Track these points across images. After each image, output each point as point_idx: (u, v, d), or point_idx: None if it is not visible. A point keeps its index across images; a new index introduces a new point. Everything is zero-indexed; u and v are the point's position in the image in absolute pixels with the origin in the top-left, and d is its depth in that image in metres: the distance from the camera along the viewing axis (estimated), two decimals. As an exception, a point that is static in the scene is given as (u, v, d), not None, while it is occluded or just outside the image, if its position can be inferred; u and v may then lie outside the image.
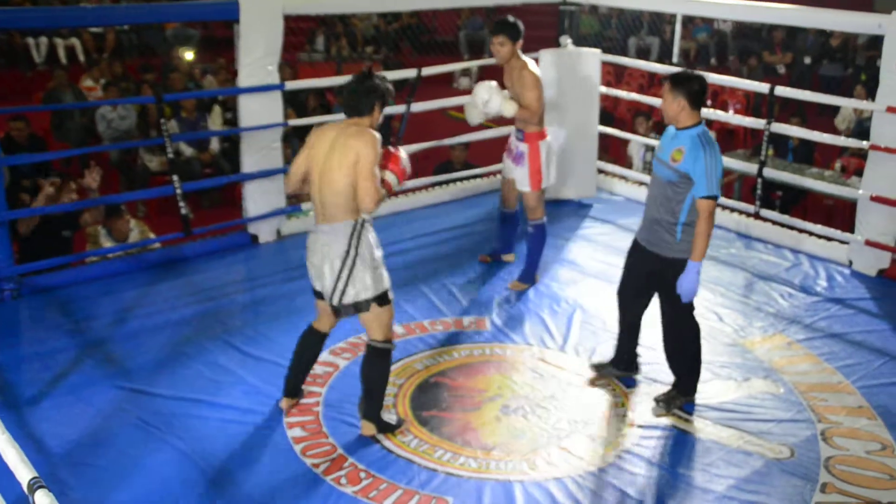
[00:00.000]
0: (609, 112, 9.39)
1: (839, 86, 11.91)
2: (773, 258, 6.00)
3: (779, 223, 6.28)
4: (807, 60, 12.62)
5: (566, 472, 3.68)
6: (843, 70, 12.53)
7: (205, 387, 4.28)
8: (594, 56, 6.87)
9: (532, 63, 5.15)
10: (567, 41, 6.94)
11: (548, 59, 6.65)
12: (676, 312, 4.07)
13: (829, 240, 6.00)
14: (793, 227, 6.19)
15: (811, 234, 6.09)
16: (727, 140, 10.29)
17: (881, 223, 5.63)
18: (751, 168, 6.40)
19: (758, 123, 6.25)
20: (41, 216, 5.56)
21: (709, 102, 3.99)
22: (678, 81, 3.86)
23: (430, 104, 6.71)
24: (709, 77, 4.03)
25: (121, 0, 13.99)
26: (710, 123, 4.66)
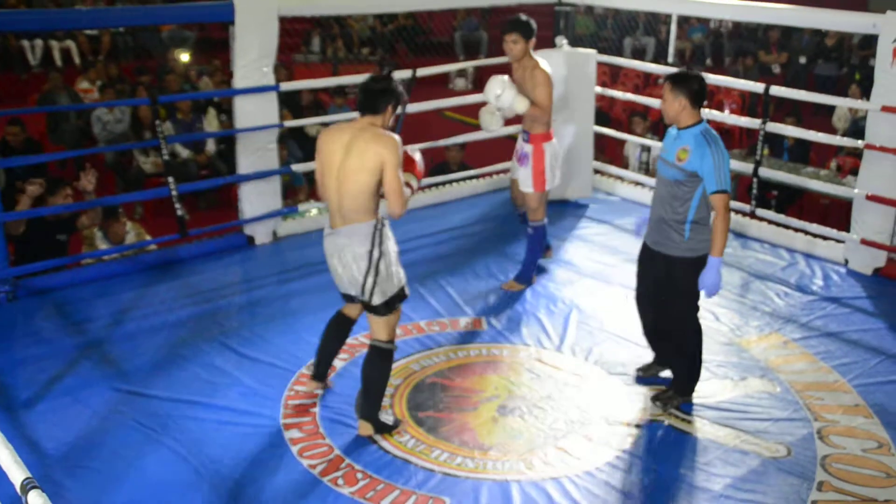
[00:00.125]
0: (605, 112, 9.39)
1: (834, 85, 11.93)
2: (769, 257, 6.01)
3: (775, 222, 6.29)
4: (802, 60, 12.63)
5: (563, 472, 3.68)
6: (839, 69, 12.54)
7: (201, 388, 4.28)
8: (590, 56, 6.87)
9: (544, 62, 5.14)
10: (563, 42, 6.95)
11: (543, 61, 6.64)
12: (680, 312, 4.08)
13: (825, 239, 6.01)
14: (788, 227, 6.20)
15: (807, 234, 6.10)
16: (723, 140, 10.23)
17: (877, 222, 5.64)
18: (746, 168, 6.42)
19: (753, 123, 6.27)
20: (36, 220, 5.54)
21: (705, 102, 3.99)
22: (679, 81, 3.87)
23: (426, 105, 6.71)
24: (705, 77, 4.04)
25: (116, 2, 14.01)
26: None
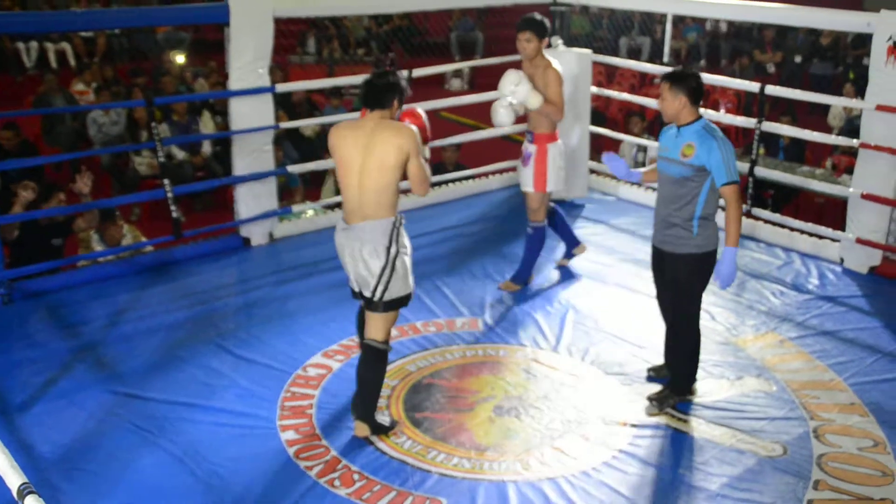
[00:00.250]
0: (601, 112, 9.40)
1: (830, 84, 11.94)
2: (765, 256, 6.01)
3: (770, 222, 6.30)
4: (797, 59, 12.65)
5: (560, 472, 3.69)
6: (834, 68, 12.57)
7: (198, 390, 4.27)
8: (585, 56, 6.88)
9: (556, 61, 5.15)
10: (558, 41, 6.95)
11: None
12: (683, 311, 4.09)
13: (821, 238, 6.02)
14: (784, 226, 6.21)
15: (802, 233, 6.11)
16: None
17: (872, 221, 5.65)
18: (742, 167, 6.40)
19: (749, 123, 6.27)
20: (30, 224, 5.52)
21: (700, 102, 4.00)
22: (677, 80, 3.88)
23: (422, 105, 6.68)
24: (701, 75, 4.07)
25: (111, 4, 14.00)
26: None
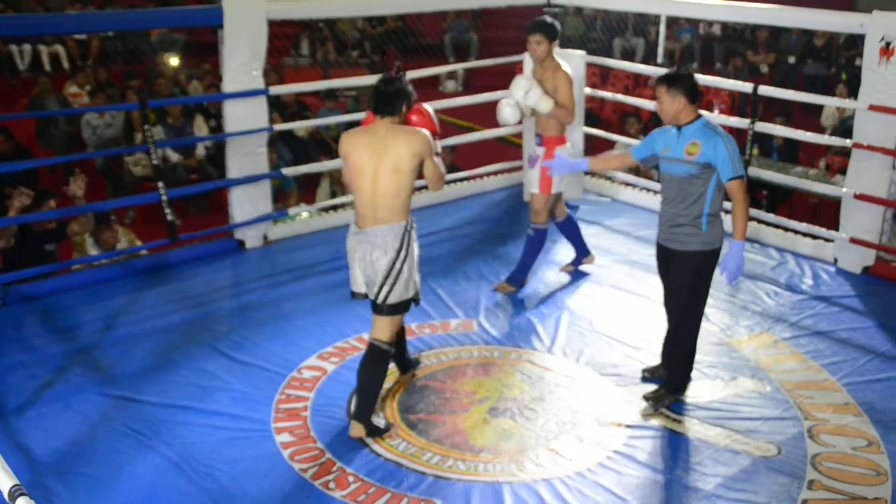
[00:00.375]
0: (595, 113, 9.41)
1: (823, 84, 11.96)
2: (759, 257, 6.02)
3: (764, 222, 6.31)
4: (791, 60, 12.67)
5: (555, 474, 3.69)
6: (827, 69, 12.59)
7: (192, 393, 4.27)
8: (579, 58, 6.88)
9: (565, 63, 5.16)
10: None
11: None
12: (689, 309, 4.10)
13: (814, 238, 6.03)
14: (778, 226, 6.22)
15: (796, 233, 6.13)
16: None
17: (865, 221, 5.66)
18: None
19: (742, 123, 6.28)
20: (21, 231, 5.50)
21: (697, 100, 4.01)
22: (674, 81, 3.89)
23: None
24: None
25: (105, 6, 13.97)
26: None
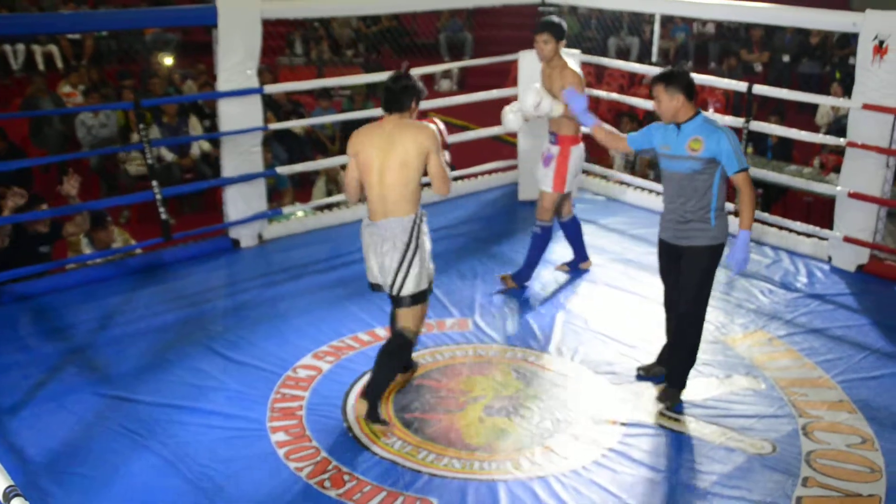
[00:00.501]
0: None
1: (818, 83, 11.99)
2: (754, 255, 6.02)
3: (759, 220, 6.31)
4: (785, 58, 12.69)
5: (550, 472, 3.70)
6: (822, 68, 12.62)
7: (187, 393, 4.26)
8: (574, 57, 6.87)
9: (572, 61, 5.17)
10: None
11: (527, 61, 6.66)
12: (696, 305, 4.11)
13: (809, 236, 6.05)
14: (772, 224, 6.24)
15: (791, 231, 6.14)
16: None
17: (859, 219, 5.68)
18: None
19: (737, 122, 6.29)
20: (15, 231, 5.49)
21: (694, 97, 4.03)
22: (671, 79, 3.90)
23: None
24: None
25: (99, 6, 13.93)
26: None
